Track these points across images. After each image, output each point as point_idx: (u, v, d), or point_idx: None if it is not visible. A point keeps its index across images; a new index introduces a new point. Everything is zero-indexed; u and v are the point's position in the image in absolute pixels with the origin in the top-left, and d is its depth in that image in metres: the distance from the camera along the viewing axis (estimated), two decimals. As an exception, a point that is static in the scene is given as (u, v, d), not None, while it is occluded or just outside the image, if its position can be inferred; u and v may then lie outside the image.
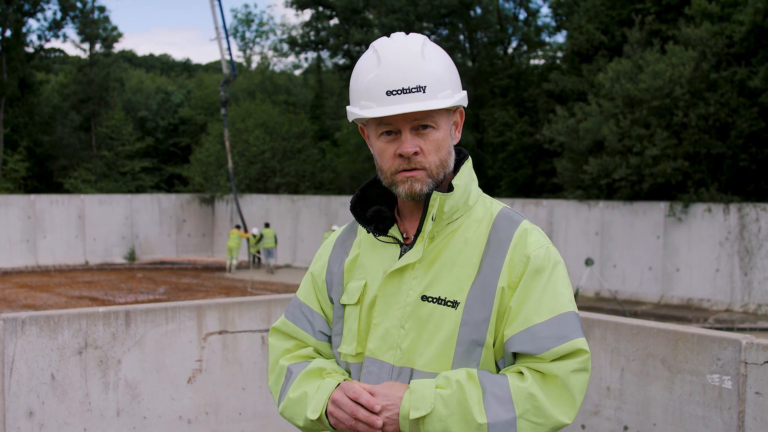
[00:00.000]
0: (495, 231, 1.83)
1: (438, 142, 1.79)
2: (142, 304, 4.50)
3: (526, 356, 1.75)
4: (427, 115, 1.77)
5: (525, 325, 1.75)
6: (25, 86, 35.98)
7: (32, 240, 28.24)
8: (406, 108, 1.73)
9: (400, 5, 32.15)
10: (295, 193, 34.02)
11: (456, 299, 1.78)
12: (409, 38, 1.82)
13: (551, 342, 1.73)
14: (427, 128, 1.78)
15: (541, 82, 29.24)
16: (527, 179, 29.38)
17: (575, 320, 1.79)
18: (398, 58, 1.77)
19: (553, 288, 1.78)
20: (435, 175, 1.80)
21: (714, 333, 3.03)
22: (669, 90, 20.81)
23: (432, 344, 1.78)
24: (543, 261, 1.79)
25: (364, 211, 1.93)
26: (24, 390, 3.43)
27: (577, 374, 1.74)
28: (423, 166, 1.79)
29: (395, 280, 1.84)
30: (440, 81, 1.78)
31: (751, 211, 19.38)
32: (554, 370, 1.72)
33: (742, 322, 17.63)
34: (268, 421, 4.09)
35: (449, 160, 1.83)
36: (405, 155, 1.77)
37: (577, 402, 1.74)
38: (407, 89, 1.75)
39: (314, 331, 1.98)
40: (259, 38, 59.63)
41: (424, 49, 1.79)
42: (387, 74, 1.76)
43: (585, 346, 1.77)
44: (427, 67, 1.77)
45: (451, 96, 1.79)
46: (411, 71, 1.76)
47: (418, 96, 1.75)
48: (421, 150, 1.78)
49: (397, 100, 1.75)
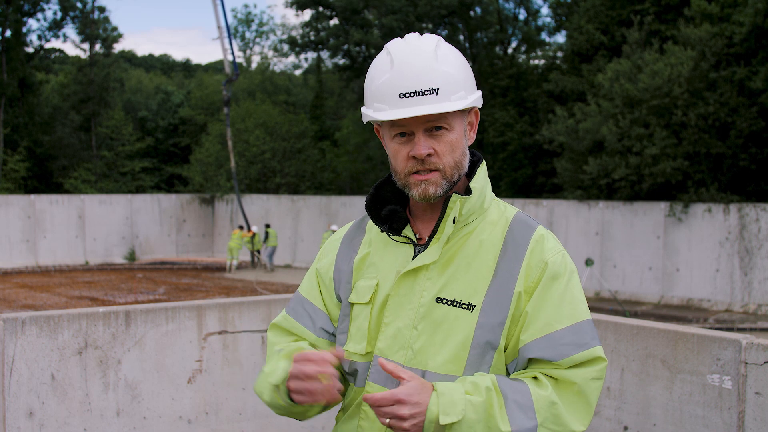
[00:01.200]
0: (511, 235, 1.83)
1: (452, 144, 1.78)
2: (142, 304, 4.50)
3: (543, 362, 1.75)
4: (440, 116, 1.76)
5: (545, 332, 1.74)
6: (25, 86, 35.99)
7: (32, 240, 28.24)
8: (418, 111, 1.73)
9: (399, 5, 32.15)
10: (295, 193, 34.02)
11: (471, 302, 1.77)
12: (422, 39, 1.81)
13: (571, 349, 1.74)
14: (441, 130, 1.78)
15: (541, 82, 29.25)
16: (527, 179, 29.39)
17: (593, 328, 1.80)
18: (411, 59, 1.76)
19: (572, 295, 1.79)
20: (449, 177, 1.79)
21: (714, 333, 3.03)
22: (668, 89, 20.80)
23: (446, 347, 1.77)
24: (560, 267, 1.79)
25: (378, 210, 1.92)
26: (24, 390, 3.43)
27: (595, 382, 1.75)
28: (437, 168, 1.78)
29: (409, 280, 1.83)
30: (454, 82, 1.77)
31: (751, 211, 19.38)
32: (573, 377, 1.72)
33: (742, 322, 17.63)
34: (268, 421, 4.09)
35: (464, 161, 1.82)
36: (418, 157, 1.77)
37: (592, 410, 1.75)
38: (420, 91, 1.74)
39: (315, 327, 1.96)
40: (259, 38, 59.68)
41: (438, 50, 1.78)
42: (400, 76, 1.75)
43: (603, 354, 1.78)
44: (440, 69, 1.76)
45: (465, 97, 1.78)
46: (424, 73, 1.75)
47: (431, 98, 1.74)
48: (435, 151, 1.78)
49: (410, 102, 1.74)
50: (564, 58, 29.33)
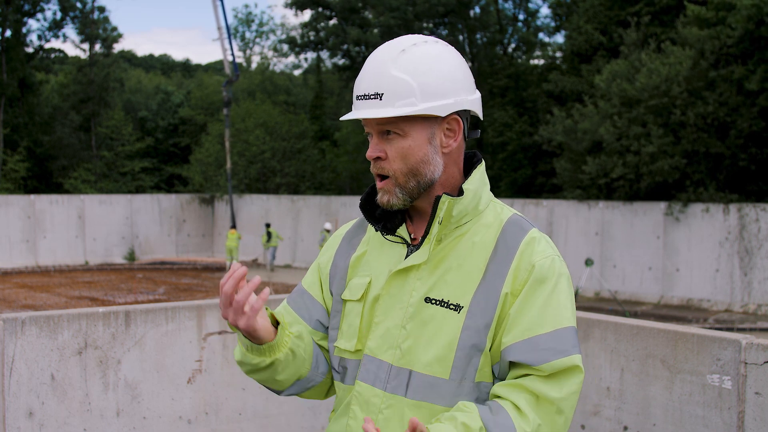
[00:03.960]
0: (503, 237, 1.82)
1: (403, 150, 1.76)
2: (142, 304, 4.50)
3: (524, 366, 1.73)
4: (389, 121, 1.75)
5: (526, 335, 1.73)
6: (25, 86, 36.00)
7: (32, 240, 28.24)
8: (359, 114, 1.75)
9: (398, 4, 32.13)
10: (295, 193, 34.03)
11: (459, 303, 1.77)
12: (396, 41, 1.80)
13: (550, 355, 1.72)
14: (391, 134, 1.77)
15: (541, 82, 29.26)
16: (527, 179, 29.40)
17: (574, 336, 1.77)
18: (371, 62, 1.78)
19: (557, 300, 1.76)
20: (403, 184, 1.78)
21: (714, 333, 3.04)
22: (666, 88, 20.79)
23: (432, 347, 1.77)
24: (547, 271, 1.77)
25: (374, 210, 1.93)
26: (24, 390, 3.43)
27: (572, 397, 1.74)
28: (387, 173, 1.78)
29: (399, 279, 1.83)
30: (403, 89, 1.73)
31: (750, 211, 19.39)
32: (552, 393, 1.71)
33: (742, 322, 17.64)
34: (268, 421, 4.09)
35: (425, 169, 1.78)
36: (368, 158, 1.80)
37: (569, 425, 1.75)
38: (366, 95, 1.76)
39: (311, 319, 1.98)
40: (259, 38, 59.69)
41: (403, 55, 1.75)
42: (360, 79, 1.80)
43: (581, 364, 1.76)
44: (392, 74, 1.74)
45: (415, 104, 1.73)
46: (375, 77, 1.75)
47: (373, 103, 1.74)
48: (387, 156, 1.78)
49: (359, 105, 1.78)
50: (564, 59, 29.34)
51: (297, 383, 1.92)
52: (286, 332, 1.82)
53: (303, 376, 1.91)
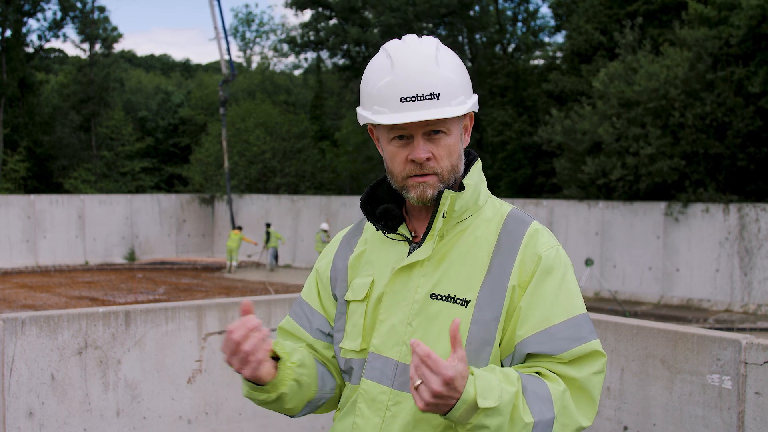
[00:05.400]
0: (505, 231, 1.83)
1: (449, 148, 1.79)
2: (142, 304, 4.50)
3: (543, 357, 1.75)
4: (439, 121, 1.76)
5: (542, 326, 1.74)
6: (25, 86, 35.99)
7: (32, 240, 28.23)
8: (420, 116, 1.73)
9: (398, 4, 32.12)
10: (295, 193, 34.02)
11: (466, 297, 1.78)
12: (422, 42, 1.80)
13: (569, 343, 1.74)
14: (439, 134, 1.78)
15: (541, 82, 29.25)
16: (527, 179, 29.39)
17: (589, 322, 1.80)
18: (412, 63, 1.76)
19: (567, 289, 1.79)
20: (446, 180, 1.80)
21: (714, 333, 3.04)
22: (664, 91, 20.79)
23: (441, 342, 1.77)
24: (554, 261, 1.80)
25: (374, 209, 1.93)
26: (24, 390, 3.43)
27: (597, 376, 1.75)
28: (435, 172, 1.79)
29: (403, 276, 1.83)
30: (453, 87, 1.77)
31: (750, 211, 19.38)
32: (573, 373, 1.73)
33: (742, 322, 17.63)
34: (268, 421, 4.09)
35: (460, 164, 1.83)
36: (418, 161, 1.77)
37: (596, 405, 1.75)
38: (421, 96, 1.73)
39: (312, 329, 1.99)
40: (259, 38, 59.71)
41: (438, 54, 1.78)
42: (401, 80, 1.75)
43: (601, 348, 1.78)
44: (441, 73, 1.75)
45: (464, 102, 1.79)
46: (425, 77, 1.74)
47: (432, 103, 1.74)
48: (434, 156, 1.78)
49: (412, 107, 1.74)
50: (564, 58, 29.33)
51: (308, 405, 1.94)
52: (287, 365, 1.82)
53: (312, 398, 1.93)
